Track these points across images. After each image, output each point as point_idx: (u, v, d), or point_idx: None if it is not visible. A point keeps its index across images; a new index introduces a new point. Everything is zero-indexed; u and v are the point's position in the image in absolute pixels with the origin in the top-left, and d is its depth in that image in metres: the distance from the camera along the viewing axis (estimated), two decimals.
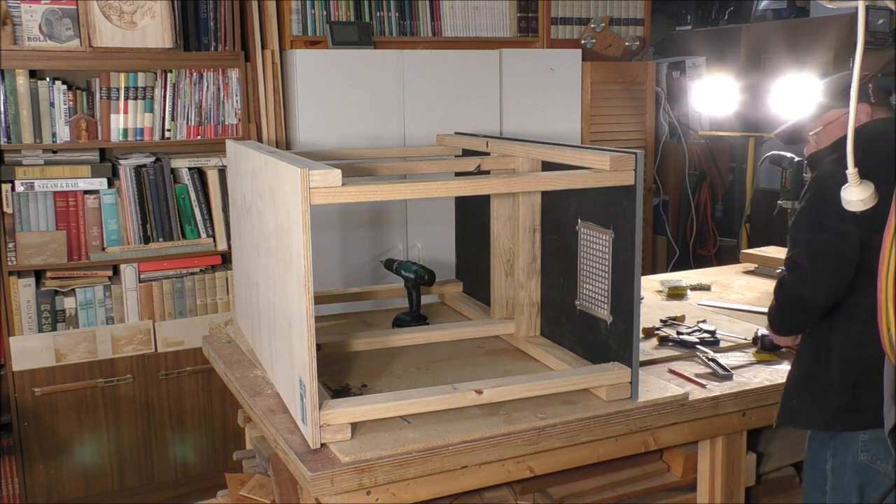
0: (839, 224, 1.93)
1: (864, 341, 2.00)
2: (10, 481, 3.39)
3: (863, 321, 2.00)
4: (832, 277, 1.98)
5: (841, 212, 1.73)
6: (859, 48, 1.35)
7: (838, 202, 1.74)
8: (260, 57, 3.61)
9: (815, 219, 1.99)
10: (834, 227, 1.95)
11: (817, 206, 1.99)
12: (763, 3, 4.99)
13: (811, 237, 1.99)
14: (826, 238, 1.97)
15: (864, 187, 1.47)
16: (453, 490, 1.99)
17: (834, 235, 1.96)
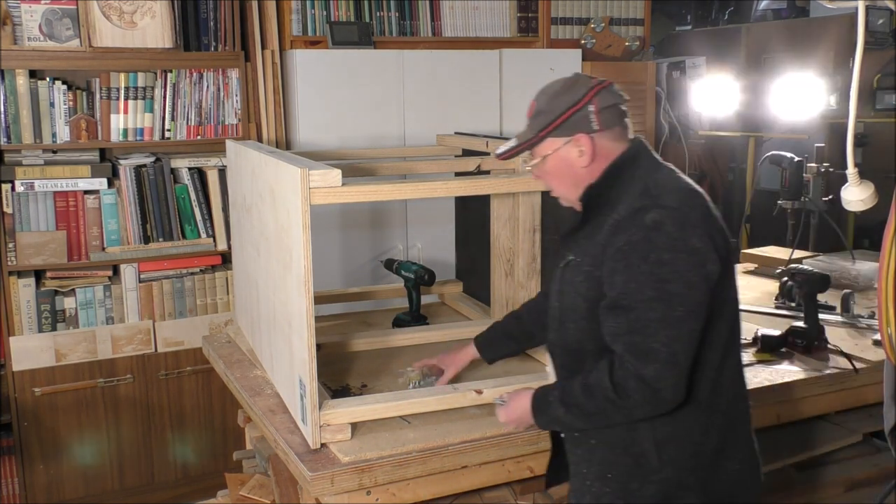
0: (689, 293, 1.54)
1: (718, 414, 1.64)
2: (10, 481, 3.39)
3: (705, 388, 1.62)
4: (688, 365, 1.56)
5: (689, 278, 1.53)
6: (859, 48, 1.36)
7: (681, 267, 1.52)
8: (260, 57, 3.61)
9: (660, 288, 1.53)
10: (685, 300, 1.54)
11: (657, 271, 1.53)
12: (763, 3, 4.99)
13: (662, 314, 1.53)
14: (679, 314, 1.53)
15: (865, 187, 1.47)
16: (453, 490, 1.99)
17: (687, 311, 1.54)
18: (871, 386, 2.36)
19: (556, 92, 1.70)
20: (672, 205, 1.58)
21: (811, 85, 4.13)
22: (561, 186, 1.75)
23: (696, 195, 1.66)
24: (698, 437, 1.62)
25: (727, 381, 1.66)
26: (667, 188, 1.63)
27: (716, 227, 1.63)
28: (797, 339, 2.48)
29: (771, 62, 4.65)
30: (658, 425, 1.60)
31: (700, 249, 1.55)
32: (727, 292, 1.63)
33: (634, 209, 1.59)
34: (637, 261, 1.55)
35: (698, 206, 1.62)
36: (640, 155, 1.71)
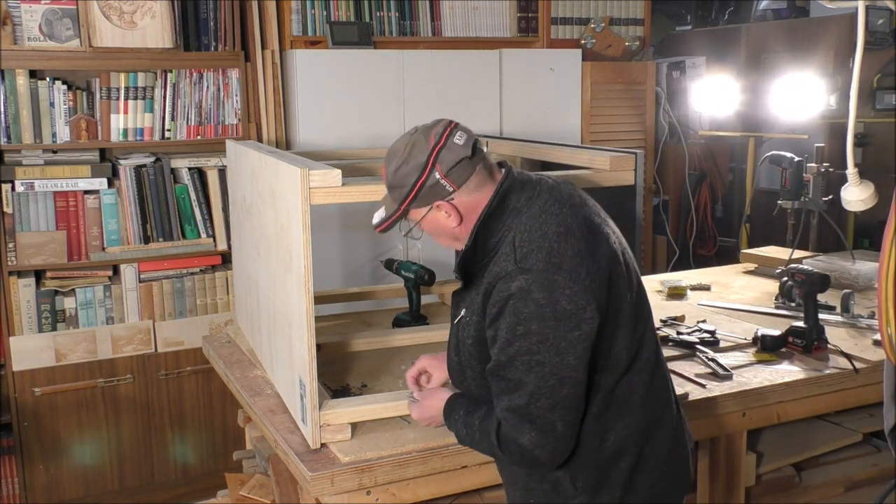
0: (561, 360, 1.49)
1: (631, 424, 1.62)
2: (10, 481, 3.39)
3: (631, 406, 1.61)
4: (569, 429, 1.54)
5: (559, 346, 1.48)
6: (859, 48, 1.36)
7: (550, 330, 1.48)
8: (260, 57, 3.61)
9: (530, 371, 1.50)
10: (561, 368, 1.49)
11: (523, 343, 1.50)
12: (763, 3, 4.99)
13: (536, 386, 1.50)
14: (553, 384, 1.50)
15: (865, 187, 1.46)
16: (453, 490, 1.99)
17: (558, 380, 1.50)
18: (871, 386, 2.36)
19: (399, 164, 1.60)
20: (538, 266, 1.50)
21: (811, 85, 4.13)
22: (446, 242, 1.69)
23: (566, 236, 1.54)
24: (606, 462, 1.61)
25: (635, 399, 1.61)
26: (535, 241, 1.53)
27: (588, 265, 1.53)
28: (797, 338, 2.48)
29: (771, 62, 4.65)
30: (568, 460, 1.59)
31: (570, 312, 1.48)
32: (619, 311, 1.57)
33: (501, 275, 1.53)
34: (506, 332, 1.51)
35: (569, 255, 1.52)
36: (508, 196, 1.61)
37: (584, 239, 1.56)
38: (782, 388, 2.28)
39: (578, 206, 1.63)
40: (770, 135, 4.56)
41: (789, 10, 4.84)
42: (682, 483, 1.74)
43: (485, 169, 1.62)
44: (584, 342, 1.51)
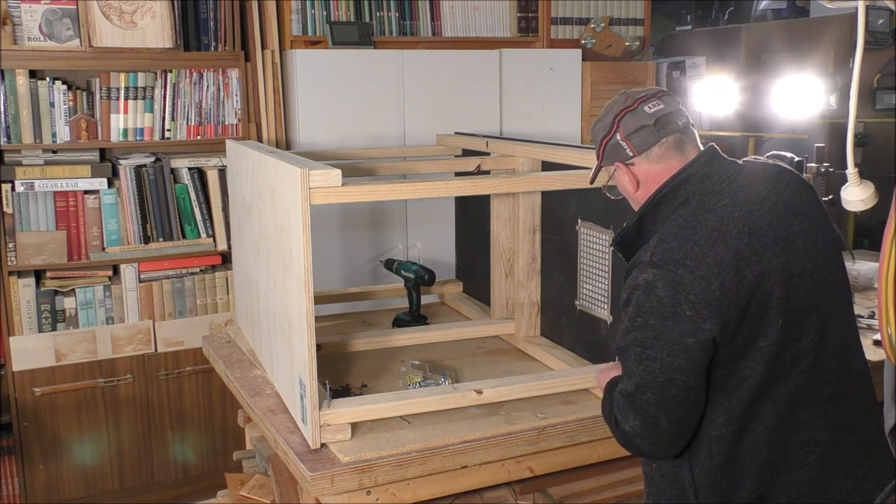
0: (670, 359, 1.48)
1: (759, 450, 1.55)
2: (10, 481, 3.39)
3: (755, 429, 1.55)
4: (681, 425, 1.53)
5: (671, 346, 1.47)
6: (859, 48, 1.36)
7: (666, 329, 1.47)
8: (260, 57, 3.61)
9: (644, 353, 1.50)
10: (670, 367, 1.48)
11: (640, 334, 1.51)
12: (763, 3, 4.99)
13: (645, 379, 1.51)
14: (662, 381, 1.50)
15: (865, 187, 1.46)
16: (453, 490, 1.99)
17: (670, 380, 1.49)
18: None
19: (597, 120, 1.67)
20: (670, 266, 1.48)
21: (811, 85, 4.13)
22: (633, 205, 1.70)
23: (714, 244, 1.48)
24: (727, 488, 1.56)
25: (761, 434, 1.54)
26: (677, 239, 1.51)
27: (734, 274, 1.46)
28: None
29: (771, 62, 4.65)
30: (696, 469, 1.58)
31: (688, 318, 1.46)
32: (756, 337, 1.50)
33: (637, 264, 1.54)
34: (628, 320, 1.53)
35: (708, 261, 1.47)
36: (684, 186, 1.57)
37: (734, 250, 1.48)
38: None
39: (756, 212, 1.54)
40: (770, 135, 4.56)
41: (789, 10, 4.84)
42: None
43: (675, 144, 1.60)
44: (697, 351, 1.47)
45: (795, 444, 1.55)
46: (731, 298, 1.46)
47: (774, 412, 1.53)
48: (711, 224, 1.51)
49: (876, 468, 1.59)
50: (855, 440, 1.59)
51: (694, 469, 1.58)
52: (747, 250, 1.49)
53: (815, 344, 1.54)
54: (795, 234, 1.56)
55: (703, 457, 1.56)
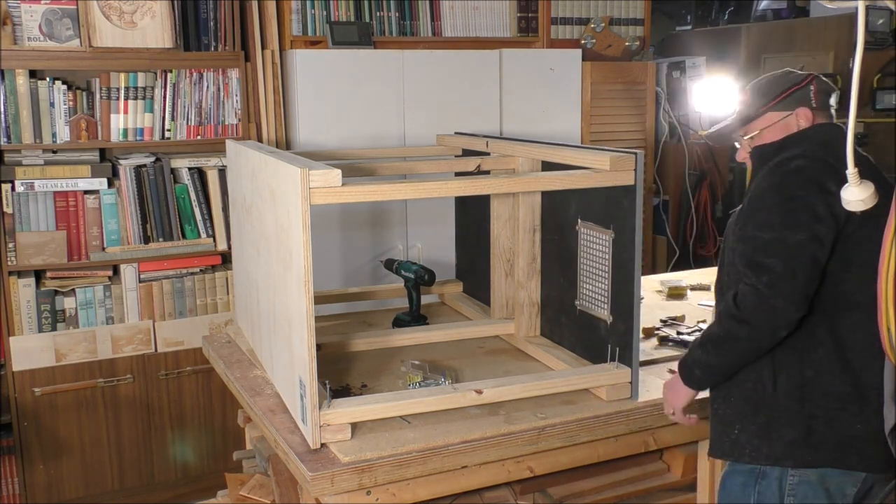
0: (815, 224, 1.74)
1: (832, 369, 1.80)
2: (10, 481, 3.39)
3: (832, 345, 1.81)
4: (807, 286, 1.75)
5: (816, 210, 1.75)
6: (859, 48, 1.35)
7: (811, 200, 1.75)
8: (260, 57, 3.61)
9: (786, 216, 1.76)
10: (809, 228, 1.74)
11: (787, 203, 1.78)
12: (763, 3, 4.99)
13: (782, 236, 1.75)
14: (801, 239, 1.74)
15: (865, 187, 1.47)
16: (453, 490, 1.99)
17: (810, 237, 1.74)
18: None
19: (776, 77, 1.98)
20: (822, 156, 1.80)
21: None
22: (755, 153, 2.00)
23: (864, 160, 1.82)
24: (830, 380, 1.80)
25: (855, 353, 1.80)
26: (832, 145, 1.82)
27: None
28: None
29: (771, 62, 4.65)
30: (778, 357, 1.81)
31: (834, 193, 1.66)
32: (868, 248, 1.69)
33: (787, 158, 1.83)
34: (773, 196, 1.80)
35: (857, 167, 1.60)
36: (831, 132, 1.91)
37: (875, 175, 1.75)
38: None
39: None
40: None
41: (789, 10, 4.84)
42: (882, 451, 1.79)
43: (831, 116, 1.98)
44: (836, 220, 1.74)
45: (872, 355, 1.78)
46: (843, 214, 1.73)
47: (863, 319, 1.78)
48: (858, 153, 1.71)
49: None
50: None
51: (785, 357, 1.81)
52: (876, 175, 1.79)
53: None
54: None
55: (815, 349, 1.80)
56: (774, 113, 1.95)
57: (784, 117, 1.94)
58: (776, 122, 1.95)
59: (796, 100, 1.94)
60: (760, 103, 1.97)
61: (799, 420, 1.82)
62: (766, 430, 1.85)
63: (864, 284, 1.73)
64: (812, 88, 1.95)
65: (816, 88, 1.95)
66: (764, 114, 1.96)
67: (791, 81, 1.97)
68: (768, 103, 1.96)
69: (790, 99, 1.95)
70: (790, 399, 1.82)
